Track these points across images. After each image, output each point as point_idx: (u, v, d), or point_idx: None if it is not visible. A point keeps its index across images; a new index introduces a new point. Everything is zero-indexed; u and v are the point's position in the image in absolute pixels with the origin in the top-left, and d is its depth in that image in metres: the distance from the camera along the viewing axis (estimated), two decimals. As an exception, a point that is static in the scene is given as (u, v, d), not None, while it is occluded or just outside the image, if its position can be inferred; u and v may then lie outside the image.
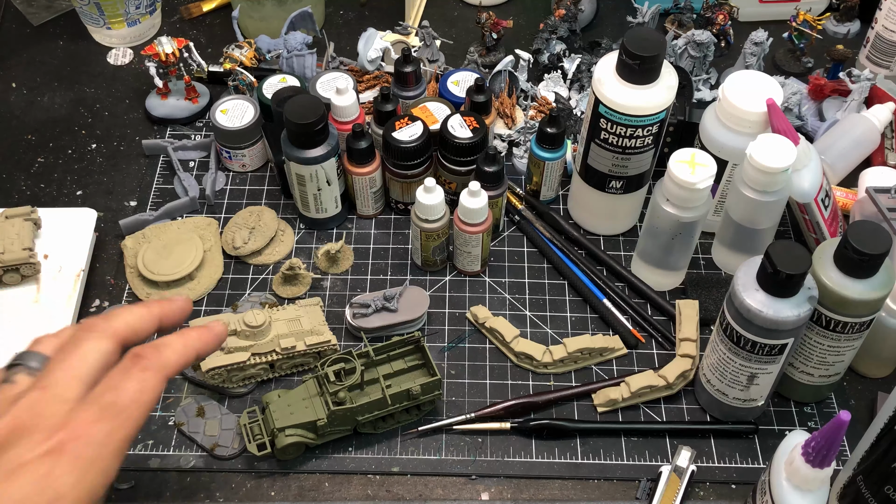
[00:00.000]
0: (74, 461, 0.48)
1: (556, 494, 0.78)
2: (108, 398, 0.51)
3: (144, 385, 0.52)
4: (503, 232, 0.97)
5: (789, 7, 1.16)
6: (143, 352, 0.54)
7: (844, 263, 0.71)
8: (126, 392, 0.52)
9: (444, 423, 0.81)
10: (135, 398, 0.52)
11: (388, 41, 1.06)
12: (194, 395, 0.84)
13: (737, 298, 0.71)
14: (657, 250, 0.88)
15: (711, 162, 0.81)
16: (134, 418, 0.51)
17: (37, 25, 1.21)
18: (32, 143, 1.06)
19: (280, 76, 0.99)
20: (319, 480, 0.79)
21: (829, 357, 0.78)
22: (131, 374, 0.52)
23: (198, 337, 0.58)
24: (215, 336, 0.59)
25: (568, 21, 1.10)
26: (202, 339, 0.58)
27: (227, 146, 0.99)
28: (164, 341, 0.56)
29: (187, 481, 0.79)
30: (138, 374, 0.52)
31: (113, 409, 0.51)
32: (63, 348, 0.53)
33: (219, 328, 0.60)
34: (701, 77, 1.07)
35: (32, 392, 0.51)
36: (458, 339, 0.89)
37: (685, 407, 0.84)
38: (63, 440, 0.48)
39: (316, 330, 0.84)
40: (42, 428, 0.49)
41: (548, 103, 1.04)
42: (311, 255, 0.95)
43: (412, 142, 0.91)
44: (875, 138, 1.00)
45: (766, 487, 0.68)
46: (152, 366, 0.53)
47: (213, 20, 1.22)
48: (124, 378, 0.52)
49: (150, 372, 0.53)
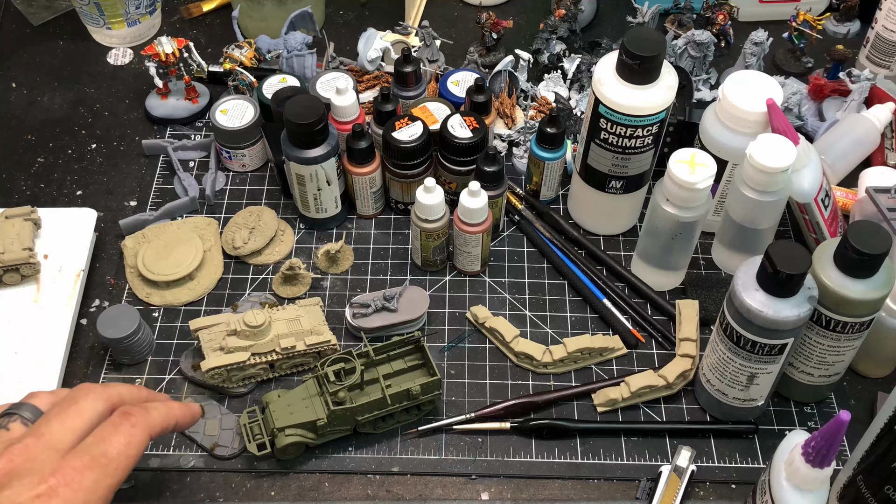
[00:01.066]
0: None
1: (556, 494, 0.78)
2: (99, 449, 0.55)
3: (132, 440, 0.57)
4: (503, 232, 0.97)
5: (789, 7, 1.16)
6: (132, 410, 0.59)
7: (844, 263, 0.71)
8: (115, 444, 0.56)
9: (444, 423, 0.81)
10: (122, 451, 0.56)
11: (388, 41, 1.06)
12: (194, 395, 0.84)
13: (737, 298, 0.71)
14: (657, 250, 0.88)
15: (711, 162, 0.81)
16: (120, 469, 0.56)
17: (37, 25, 1.21)
18: (32, 143, 1.06)
19: (280, 76, 0.99)
20: (319, 480, 0.79)
21: (829, 357, 0.78)
22: (120, 429, 0.57)
23: (179, 408, 0.65)
24: (193, 415, 0.67)
25: (568, 21, 1.10)
26: (182, 411, 0.65)
27: (227, 146, 0.99)
28: (151, 405, 0.62)
29: (187, 481, 0.79)
30: (127, 430, 0.57)
31: (102, 459, 0.55)
32: (60, 403, 0.58)
33: (196, 409, 0.68)
34: (701, 77, 1.07)
35: (28, 438, 0.54)
36: (458, 339, 0.89)
37: (685, 407, 0.84)
38: (54, 485, 0.52)
39: (316, 330, 0.84)
40: (35, 472, 0.52)
41: (548, 103, 1.04)
42: (311, 255, 0.95)
43: (412, 142, 0.91)
44: (875, 138, 1.00)
45: (766, 487, 0.68)
46: (139, 423, 0.59)
47: (213, 20, 1.22)
48: (114, 432, 0.57)
49: (137, 428, 0.58)
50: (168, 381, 0.85)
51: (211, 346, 0.82)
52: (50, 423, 0.56)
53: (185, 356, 0.85)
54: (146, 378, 0.85)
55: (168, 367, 0.86)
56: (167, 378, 0.85)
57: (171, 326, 0.89)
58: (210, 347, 0.82)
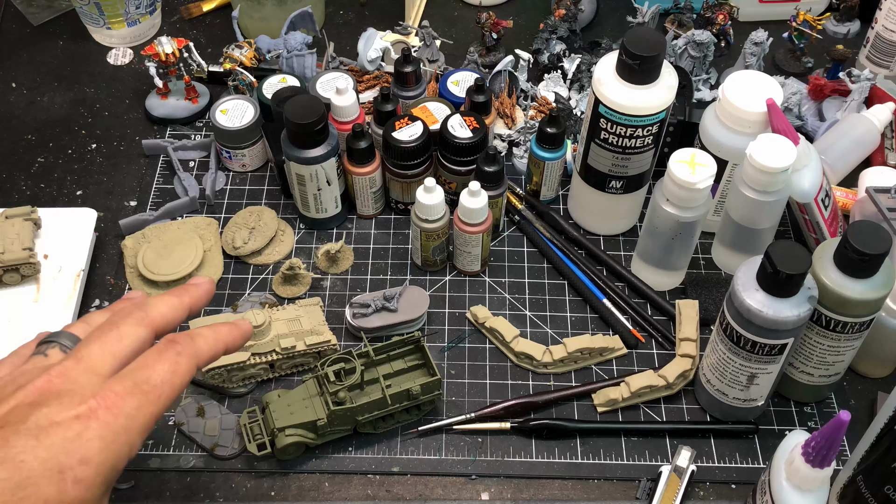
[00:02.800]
0: (104, 428, 0.49)
1: (556, 494, 0.78)
2: (142, 375, 0.52)
3: (177, 368, 0.54)
4: (503, 232, 0.97)
5: (789, 7, 1.16)
6: (178, 338, 0.56)
7: (844, 263, 0.71)
8: (158, 372, 0.53)
9: (444, 423, 0.81)
10: (166, 378, 0.53)
11: (388, 41, 1.06)
12: (194, 395, 0.84)
13: (737, 298, 0.71)
14: (657, 250, 0.88)
15: (711, 162, 0.81)
16: (164, 397, 0.53)
17: (37, 25, 1.21)
18: (32, 143, 1.06)
19: (280, 76, 0.99)
20: (319, 480, 0.79)
21: (829, 357, 0.78)
22: (165, 356, 0.54)
23: (227, 332, 0.60)
24: (242, 333, 0.61)
25: (568, 21, 1.10)
26: (231, 334, 0.60)
27: (227, 146, 0.99)
28: (198, 332, 0.58)
29: (187, 481, 0.79)
30: (172, 357, 0.54)
31: (145, 385, 0.52)
32: (100, 328, 0.55)
33: (246, 326, 0.62)
34: (701, 77, 1.07)
35: (67, 361, 0.52)
36: (458, 339, 0.89)
37: (685, 407, 0.84)
38: (94, 407, 0.49)
39: (316, 330, 0.84)
40: (75, 393, 0.50)
41: (548, 103, 1.04)
42: (311, 255, 0.95)
43: (412, 142, 0.91)
44: (875, 138, 1.00)
45: (766, 487, 0.68)
46: (185, 351, 0.55)
47: (213, 20, 1.22)
48: (158, 359, 0.54)
49: (183, 357, 0.55)
50: (168, 381, 0.85)
51: (211, 346, 0.82)
52: (90, 347, 0.53)
53: (185, 356, 0.85)
54: (146, 378, 0.85)
55: (168, 367, 0.86)
56: (167, 378, 0.85)
57: (171, 326, 0.89)
58: (210, 347, 0.82)
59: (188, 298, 0.60)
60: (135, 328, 0.55)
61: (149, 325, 0.56)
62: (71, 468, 0.48)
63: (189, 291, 0.60)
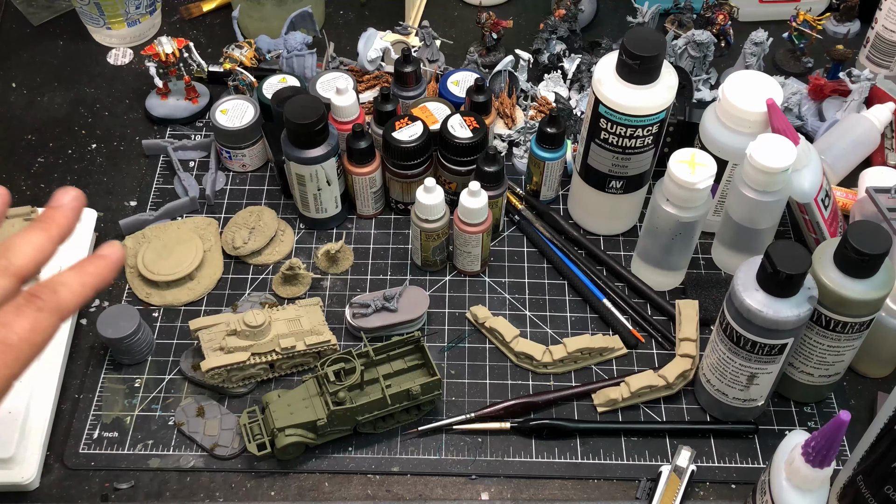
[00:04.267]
0: None
1: (556, 494, 0.78)
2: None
3: (37, 325, 0.50)
4: (503, 232, 0.97)
5: (789, 7, 1.16)
6: (39, 291, 0.51)
7: (844, 263, 0.71)
8: (17, 331, 0.49)
9: (444, 423, 0.81)
10: (25, 337, 0.49)
11: (388, 41, 1.06)
12: (194, 395, 0.84)
13: (737, 298, 0.71)
14: (657, 250, 0.88)
15: (711, 162, 0.81)
16: (22, 358, 0.49)
17: (37, 25, 1.21)
18: (32, 143, 1.06)
19: (280, 76, 0.99)
20: (319, 480, 0.79)
21: (829, 357, 0.78)
22: (25, 314, 0.50)
23: (95, 272, 0.54)
24: (113, 264, 0.55)
25: (568, 21, 1.10)
26: (100, 273, 0.54)
27: (227, 146, 0.99)
28: (61, 280, 0.53)
29: (187, 481, 0.79)
30: (32, 314, 0.50)
31: (2, 344, 0.48)
32: None
33: (115, 254, 0.55)
34: (701, 77, 1.07)
35: None
36: (458, 339, 0.89)
37: (685, 407, 0.84)
38: None
39: (316, 330, 0.84)
40: None
41: (548, 103, 1.04)
42: (311, 255, 0.95)
43: (412, 142, 0.91)
44: (875, 138, 1.00)
45: (766, 487, 0.68)
46: (47, 307, 0.51)
47: (213, 20, 1.22)
48: (17, 316, 0.50)
49: (44, 313, 0.51)
50: (168, 381, 0.85)
51: (211, 346, 0.82)
52: None
53: (185, 356, 0.85)
54: (146, 378, 0.85)
55: (168, 367, 0.86)
56: (167, 378, 0.85)
57: (171, 326, 0.89)
58: (210, 347, 0.82)
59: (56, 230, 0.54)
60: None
61: (14, 274, 0.51)
62: None
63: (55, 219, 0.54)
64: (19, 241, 0.52)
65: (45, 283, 0.52)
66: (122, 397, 0.84)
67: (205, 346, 0.82)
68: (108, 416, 0.82)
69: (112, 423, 0.82)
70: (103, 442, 0.81)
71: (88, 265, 0.54)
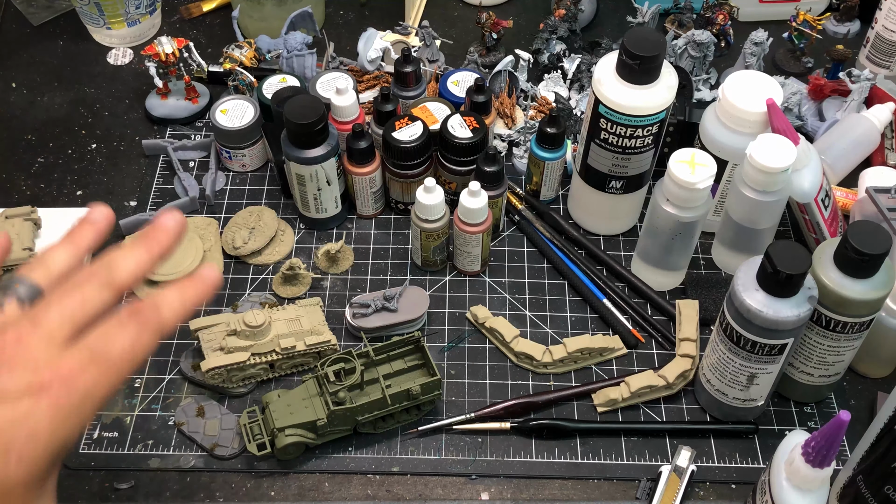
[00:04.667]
0: (56, 403, 0.46)
1: (556, 494, 0.78)
2: (100, 347, 0.49)
3: (138, 340, 0.51)
4: (503, 232, 0.97)
5: (789, 7, 1.16)
6: (143, 308, 0.52)
7: (844, 263, 0.71)
8: (119, 344, 0.50)
9: (444, 423, 0.81)
10: (126, 352, 0.50)
11: (388, 41, 1.06)
12: (194, 395, 0.84)
13: (737, 298, 0.71)
14: (657, 250, 0.88)
15: (711, 162, 0.81)
16: (122, 372, 0.50)
17: (37, 25, 1.21)
18: (32, 143, 1.06)
19: (280, 76, 0.99)
20: (319, 480, 0.79)
21: (829, 357, 0.78)
22: (127, 329, 0.51)
23: (195, 294, 0.56)
24: (211, 288, 0.57)
25: (568, 21, 1.10)
26: (199, 296, 0.56)
27: (227, 146, 0.99)
28: (163, 300, 0.54)
29: (187, 481, 0.79)
30: (134, 329, 0.51)
31: (103, 358, 0.49)
32: (63, 289, 0.52)
33: (213, 277, 0.57)
34: (701, 77, 1.07)
35: (23, 324, 0.48)
36: (458, 339, 0.89)
37: (685, 407, 0.84)
38: (48, 380, 0.47)
39: (316, 330, 0.84)
40: (28, 361, 0.47)
41: (548, 103, 1.04)
42: (311, 255, 0.95)
43: (412, 142, 0.91)
44: (875, 138, 1.00)
45: (766, 487, 0.68)
46: (149, 324, 0.52)
47: (213, 20, 1.22)
48: (119, 331, 0.50)
49: (146, 330, 0.51)
50: (168, 381, 0.85)
51: (211, 346, 0.82)
52: (49, 311, 0.49)
53: (185, 356, 0.85)
54: (146, 378, 0.85)
55: (168, 367, 0.86)
56: (167, 378, 0.85)
57: (171, 326, 0.89)
58: (210, 347, 0.82)
59: (157, 248, 0.56)
60: (99, 292, 0.51)
61: (116, 288, 0.52)
62: (16, 447, 0.45)
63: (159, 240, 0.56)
64: (122, 256, 0.53)
65: (149, 300, 0.53)
66: (122, 397, 0.84)
67: (205, 346, 0.82)
68: (108, 416, 0.82)
69: (112, 423, 0.82)
70: (103, 442, 0.81)
71: (189, 287, 0.55)
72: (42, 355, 0.47)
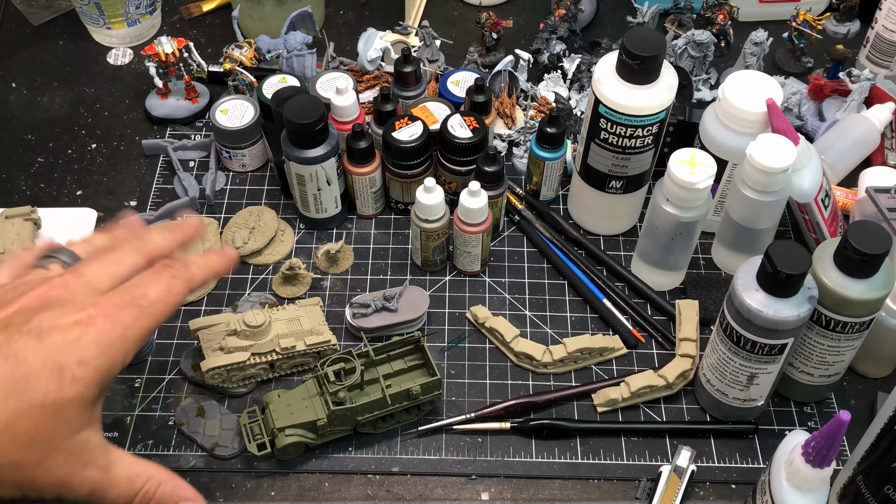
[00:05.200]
0: (101, 334, 0.52)
1: (556, 494, 0.78)
2: (139, 291, 0.56)
3: (172, 288, 0.57)
4: (503, 232, 0.97)
5: (789, 7, 1.16)
6: (173, 263, 0.59)
7: (844, 263, 0.71)
8: (154, 290, 0.56)
9: (444, 423, 0.81)
10: (161, 296, 0.56)
11: (388, 41, 1.06)
12: (194, 395, 0.84)
13: (737, 298, 0.71)
14: (657, 250, 0.88)
15: (711, 162, 0.81)
16: (158, 313, 0.56)
17: (37, 25, 1.21)
18: (32, 143, 1.06)
19: (280, 76, 0.99)
20: (319, 480, 0.79)
21: (829, 357, 0.78)
22: (161, 277, 0.57)
23: (218, 260, 0.64)
24: (231, 260, 0.65)
25: (568, 21, 1.10)
26: (221, 262, 0.64)
27: (227, 146, 0.99)
28: (191, 258, 0.61)
29: (187, 481, 0.79)
30: (167, 279, 0.58)
31: (142, 300, 0.55)
32: (100, 251, 0.59)
33: (233, 254, 0.66)
34: (701, 77, 1.07)
35: (67, 275, 0.55)
36: (458, 339, 0.89)
37: (685, 407, 0.84)
38: (93, 315, 0.53)
39: (316, 330, 0.84)
40: (75, 302, 0.53)
41: (548, 103, 1.04)
42: (311, 255, 0.95)
43: (412, 142, 0.91)
44: (875, 138, 1.00)
45: (766, 487, 0.68)
46: (180, 275, 0.58)
47: (213, 20, 1.22)
48: (154, 279, 0.57)
49: (178, 280, 0.58)
50: (168, 381, 0.85)
51: (211, 346, 0.82)
52: (90, 265, 0.56)
53: (185, 356, 0.85)
54: (146, 378, 0.85)
55: (168, 367, 0.86)
56: (167, 378, 0.85)
57: (171, 326, 0.89)
58: (210, 347, 0.82)
59: (181, 234, 0.63)
60: (132, 254, 0.58)
61: (145, 254, 0.59)
62: (70, 368, 0.51)
63: (182, 228, 0.64)
64: (150, 233, 0.62)
65: (177, 259, 0.61)
66: (122, 397, 0.84)
67: (205, 346, 0.82)
68: (108, 416, 0.82)
69: (112, 423, 0.82)
70: (103, 442, 0.81)
71: (212, 255, 0.64)
72: (87, 298, 0.54)
